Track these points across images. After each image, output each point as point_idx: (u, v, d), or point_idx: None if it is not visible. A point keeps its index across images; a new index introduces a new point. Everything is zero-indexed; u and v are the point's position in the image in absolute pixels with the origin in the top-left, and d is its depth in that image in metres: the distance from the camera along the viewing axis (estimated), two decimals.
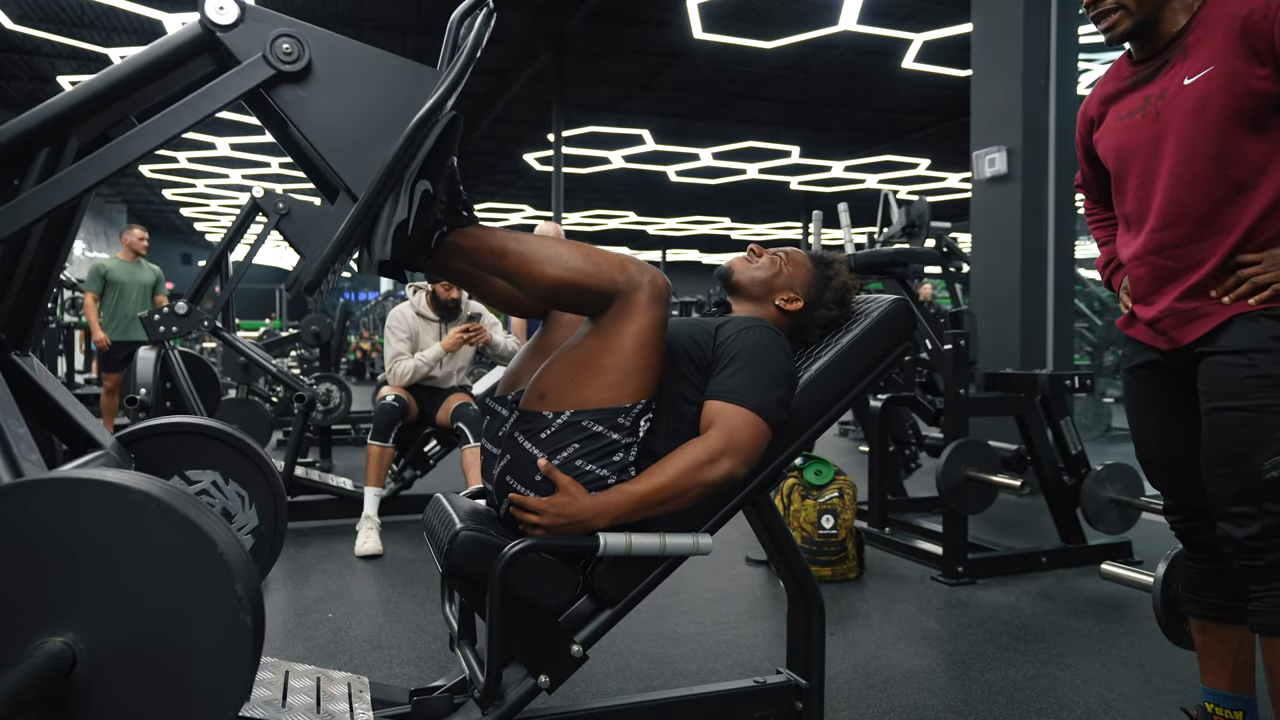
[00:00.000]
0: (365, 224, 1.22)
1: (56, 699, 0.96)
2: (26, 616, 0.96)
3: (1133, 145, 1.66)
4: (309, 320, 6.27)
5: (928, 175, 17.22)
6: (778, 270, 1.71)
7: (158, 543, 0.98)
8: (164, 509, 0.99)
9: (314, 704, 1.39)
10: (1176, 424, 1.68)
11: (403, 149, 1.16)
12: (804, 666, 1.67)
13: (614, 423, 1.40)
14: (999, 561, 3.25)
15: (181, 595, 0.98)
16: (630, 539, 1.36)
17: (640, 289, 1.38)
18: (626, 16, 9.96)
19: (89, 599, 0.97)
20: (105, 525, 0.98)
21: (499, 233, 1.40)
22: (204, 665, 0.99)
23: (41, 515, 0.97)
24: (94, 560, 0.97)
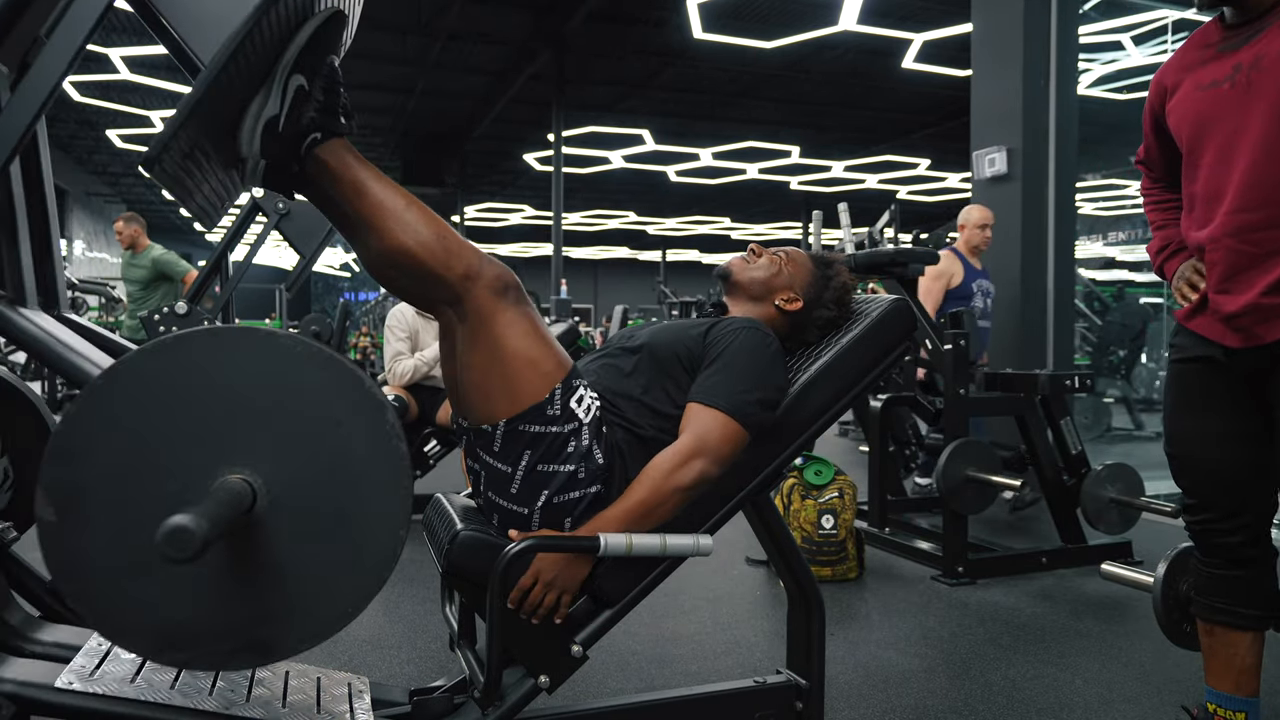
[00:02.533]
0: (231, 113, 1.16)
1: (245, 533, 1.04)
2: (206, 455, 1.04)
3: (1214, 116, 1.54)
4: (309, 320, 6.28)
5: (928, 175, 17.23)
6: (777, 270, 1.71)
7: (314, 381, 1.05)
8: (313, 351, 1.06)
9: (314, 704, 1.39)
10: (1226, 423, 1.62)
11: (253, 18, 1.08)
12: (804, 666, 1.67)
13: (545, 417, 1.38)
14: (999, 561, 3.25)
15: (340, 430, 1.06)
16: (631, 540, 1.36)
17: (477, 281, 1.31)
18: (626, 16, 9.98)
19: (260, 438, 1.05)
20: (265, 368, 1.05)
21: (369, 170, 1.30)
22: (367, 495, 1.07)
23: (207, 362, 1.04)
24: (261, 401, 1.05)
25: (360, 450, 1.06)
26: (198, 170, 1.19)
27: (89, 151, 17.61)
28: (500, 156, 17.54)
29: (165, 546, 0.87)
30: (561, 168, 12.17)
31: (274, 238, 4.45)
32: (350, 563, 1.08)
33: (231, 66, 1.09)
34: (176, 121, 1.07)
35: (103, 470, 1.02)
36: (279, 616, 1.08)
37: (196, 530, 0.87)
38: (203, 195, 1.24)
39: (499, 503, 1.43)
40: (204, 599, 1.06)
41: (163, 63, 11.03)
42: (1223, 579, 1.66)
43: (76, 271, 13.94)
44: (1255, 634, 1.65)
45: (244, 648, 1.09)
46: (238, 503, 0.99)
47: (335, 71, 1.29)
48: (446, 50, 11.25)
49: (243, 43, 1.08)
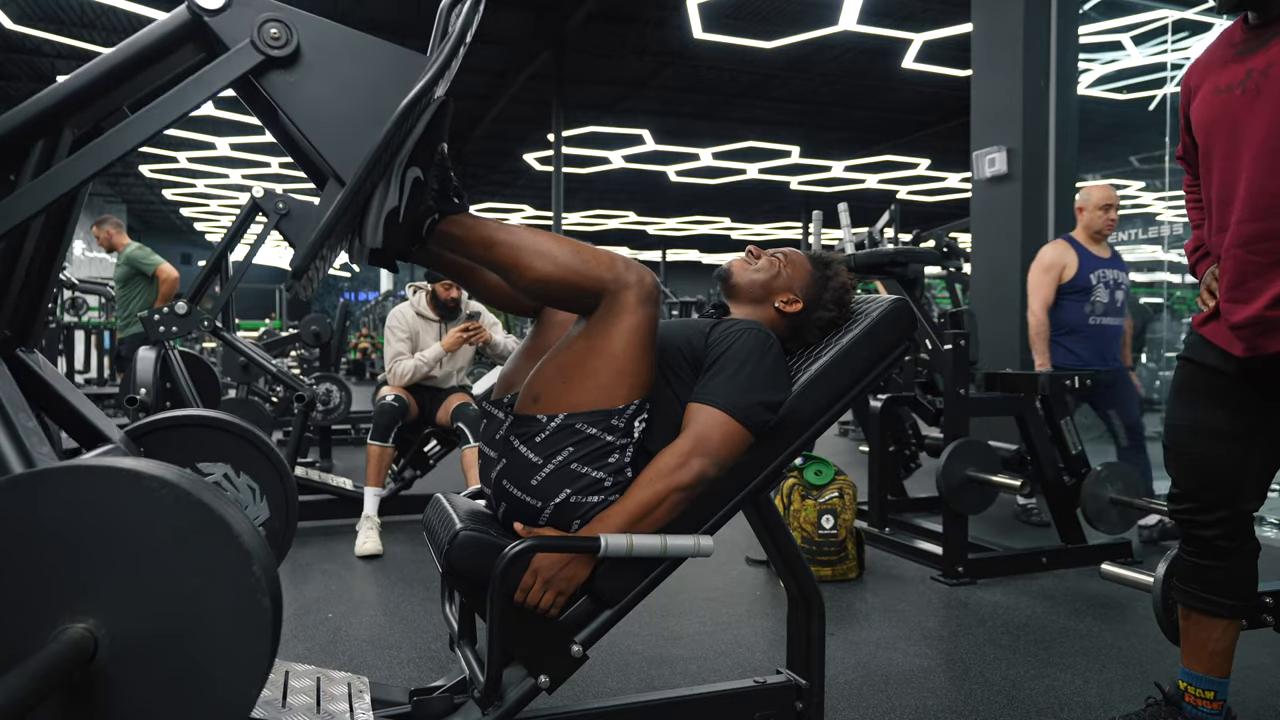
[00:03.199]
0: (355, 211, 1.20)
1: (79, 685, 0.97)
2: (46, 603, 0.97)
3: (1224, 120, 1.55)
4: (309, 320, 6.27)
5: (928, 175, 17.22)
6: (776, 272, 1.71)
7: (173, 528, 0.99)
8: (178, 494, 0.99)
9: (314, 704, 1.39)
10: (1220, 423, 1.67)
11: (390, 133, 1.14)
12: (804, 666, 1.67)
13: (608, 424, 1.40)
14: (999, 561, 3.25)
15: (199, 579, 0.99)
16: (631, 540, 1.36)
17: (628, 288, 1.36)
18: (626, 16, 9.97)
19: (108, 585, 0.98)
20: (120, 512, 0.98)
21: (490, 223, 1.39)
22: (225, 648, 1.00)
23: (57, 503, 0.98)
24: (111, 547, 0.98)
25: (220, 603, 1.00)
26: (323, 263, 1.25)
27: None
28: (500, 156, 17.53)
29: None
30: (561, 168, 12.17)
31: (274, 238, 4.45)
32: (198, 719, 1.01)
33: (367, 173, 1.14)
34: (325, 234, 1.13)
35: None
36: None
37: None
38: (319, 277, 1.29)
39: (513, 493, 1.43)
40: None
41: None
42: (1201, 568, 1.73)
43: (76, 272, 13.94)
44: (1230, 621, 1.72)
45: None
46: (63, 659, 0.93)
47: (445, 158, 1.36)
48: None
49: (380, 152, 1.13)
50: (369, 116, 1.19)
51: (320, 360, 6.37)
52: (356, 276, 29.78)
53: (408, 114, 1.14)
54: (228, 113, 11.91)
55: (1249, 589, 1.73)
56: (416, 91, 1.15)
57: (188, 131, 13.05)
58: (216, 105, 11.46)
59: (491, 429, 1.53)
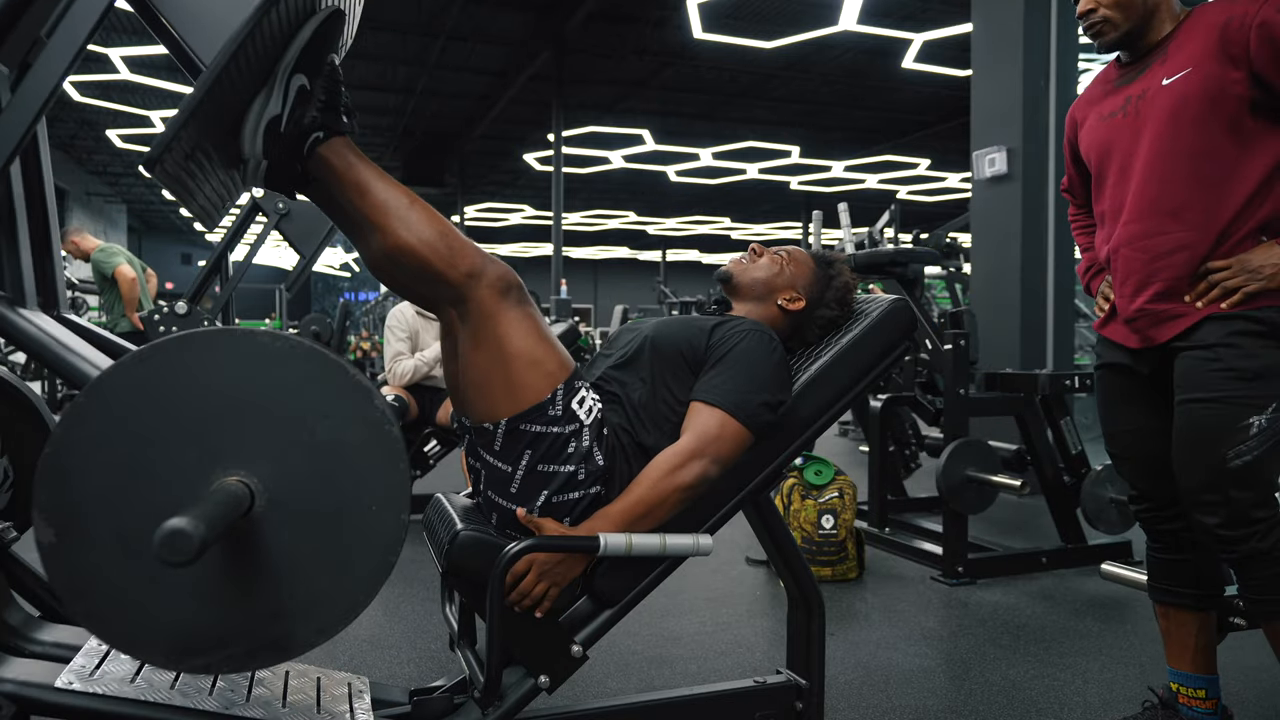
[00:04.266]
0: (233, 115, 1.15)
1: (243, 534, 1.04)
2: (201, 460, 1.04)
3: (1113, 142, 1.73)
4: (309, 320, 6.28)
5: (928, 175, 17.23)
6: (779, 270, 1.71)
7: (296, 375, 1.05)
8: (292, 345, 1.06)
9: (314, 704, 1.39)
10: (1143, 420, 1.78)
11: (255, 17, 1.08)
12: (804, 666, 1.67)
13: (546, 417, 1.38)
14: (999, 561, 3.25)
15: (329, 420, 1.06)
16: (630, 539, 1.36)
17: (480, 284, 1.31)
18: (626, 16, 9.98)
19: (251, 437, 1.05)
20: (247, 367, 1.05)
21: (371, 169, 1.30)
22: (366, 479, 1.07)
23: (190, 366, 1.04)
24: (248, 401, 1.05)
25: (351, 439, 1.06)
26: (199, 171, 1.19)
27: (89, 151, 17.62)
28: (500, 156, 17.54)
29: (163, 551, 0.87)
30: (561, 168, 12.17)
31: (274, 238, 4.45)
32: (355, 551, 1.08)
33: (233, 67, 1.09)
34: (178, 122, 1.07)
35: (98, 485, 1.02)
36: (292, 612, 1.08)
37: (193, 533, 0.87)
38: (204, 196, 1.24)
39: (499, 502, 1.43)
40: (215, 603, 1.06)
41: (163, 63, 11.04)
42: (1167, 563, 1.80)
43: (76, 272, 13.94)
44: (1203, 614, 1.78)
45: (260, 647, 1.08)
46: (235, 504, 0.98)
47: (336, 70, 1.29)
48: (446, 50, 11.25)
49: (244, 43, 1.08)
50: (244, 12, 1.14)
51: None
52: (356, 277, 29.78)
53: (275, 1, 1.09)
54: None
55: (1216, 578, 1.78)
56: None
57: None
58: None
59: (468, 442, 1.52)
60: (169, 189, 1.14)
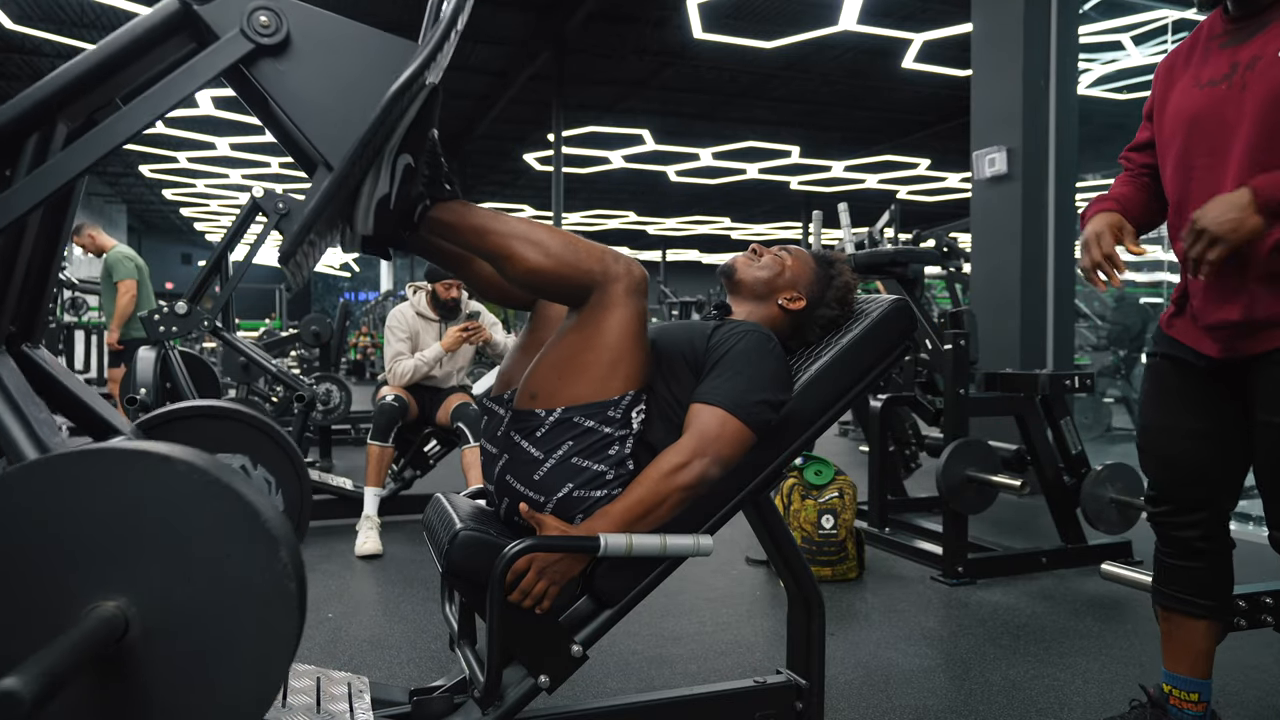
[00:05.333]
0: (345, 198, 1.20)
1: (110, 663, 0.99)
2: (78, 582, 0.99)
3: (1206, 116, 1.49)
4: (309, 320, 6.28)
5: (928, 175, 17.22)
6: (780, 269, 1.71)
7: (203, 510, 1.01)
8: (207, 478, 1.01)
9: (314, 704, 1.39)
10: (1195, 421, 1.65)
11: (379, 119, 1.13)
12: (804, 666, 1.67)
13: (605, 416, 1.40)
14: (999, 561, 3.25)
15: (228, 562, 1.01)
16: (631, 540, 1.36)
17: (617, 280, 1.37)
18: (626, 16, 9.97)
19: (138, 566, 1.00)
20: (151, 493, 1.00)
21: (482, 211, 1.39)
22: (252, 630, 1.01)
23: (86, 484, 1.00)
24: (142, 528, 1.00)
25: (247, 584, 1.01)
26: (312, 248, 1.24)
27: None
28: (500, 156, 17.53)
29: None
30: (561, 168, 12.16)
31: (274, 238, 4.45)
32: (225, 699, 1.03)
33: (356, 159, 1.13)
34: (310, 220, 1.11)
35: None
36: None
37: (23, 694, 0.82)
38: (309, 264, 1.28)
39: (516, 488, 1.43)
40: None
41: None
42: (1180, 569, 1.72)
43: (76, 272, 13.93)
44: (1210, 622, 1.71)
45: None
46: (95, 637, 0.94)
47: (436, 145, 1.36)
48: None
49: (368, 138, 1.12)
50: (359, 104, 1.19)
51: (320, 360, 6.37)
52: (357, 277, 29.77)
53: (397, 100, 1.13)
54: (228, 113, 11.91)
55: (1227, 588, 1.73)
56: (406, 78, 1.14)
57: (188, 131, 13.05)
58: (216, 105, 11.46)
59: (493, 426, 1.53)
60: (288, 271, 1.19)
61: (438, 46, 1.19)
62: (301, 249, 1.16)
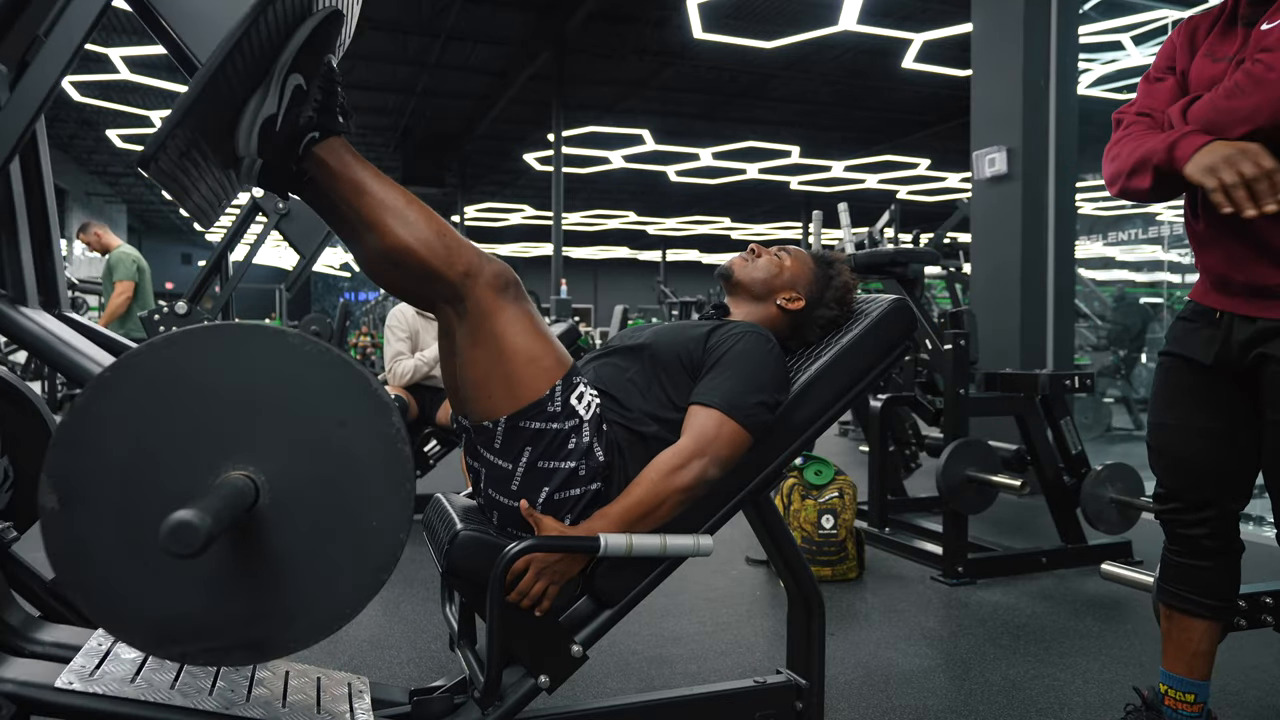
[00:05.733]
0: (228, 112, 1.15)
1: (246, 530, 1.03)
2: (211, 450, 1.03)
3: None
4: (309, 320, 6.28)
5: (928, 175, 17.23)
6: (779, 269, 1.71)
7: (320, 380, 1.05)
8: (320, 351, 1.05)
9: (314, 704, 1.39)
10: (1206, 421, 1.65)
11: (252, 15, 1.07)
12: (804, 666, 1.67)
13: (546, 413, 1.38)
14: (999, 561, 3.25)
15: (345, 429, 1.05)
16: (631, 540, 1.36)
17: (476, 280, 1.31)
18: (626, 16, 9.98)
19: (261, 434, 1.04)
20: (272, 366, 1.04)
21: (368, 169, 1.30)
22: (373, 496, 1.06)
23: (214, 358, 1.04)
24: (266, 399, 1.04)
25: (364, 452, 1.06)
26: (194, 169, 1.19)
27: (89, 151, 17.61)
28: (500, 156, 17.54)
29: (169, 541, 0.87)
30: (561, 168, 12.17)
31: (274, 238, 4.45)
32: (350, 564, 1.08)
33: (228, 65, 1.09)
34: (173, 120, 1.07)
35: (108, 461, 1.02)
36: (276, 615, 1.08)
37: (200, 526, 0.87)
38: (200, 194, 1.24)
39: (500, 500, 1.43)
40: (203, 594, 1.06)
41: (163, 63, 11.03)
42: (1186, 568, 1.71)
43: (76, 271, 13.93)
44: (1211, 623, 1.71)
45: (239, 645, 1.08)
46: (240, 499, 0.98)
47: (333, 71, 1.29)
48: (446, 50, 11.25)
49: (239, 42, 1.08)
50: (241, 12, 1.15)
51: None
52: (356, 276, 29.77)
53: None
54: None
55: (1233, 590, 1.72)
56: None
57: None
58: None
59: (466, 441, 1.52)
60: (164, 187, 1.14)
61: None
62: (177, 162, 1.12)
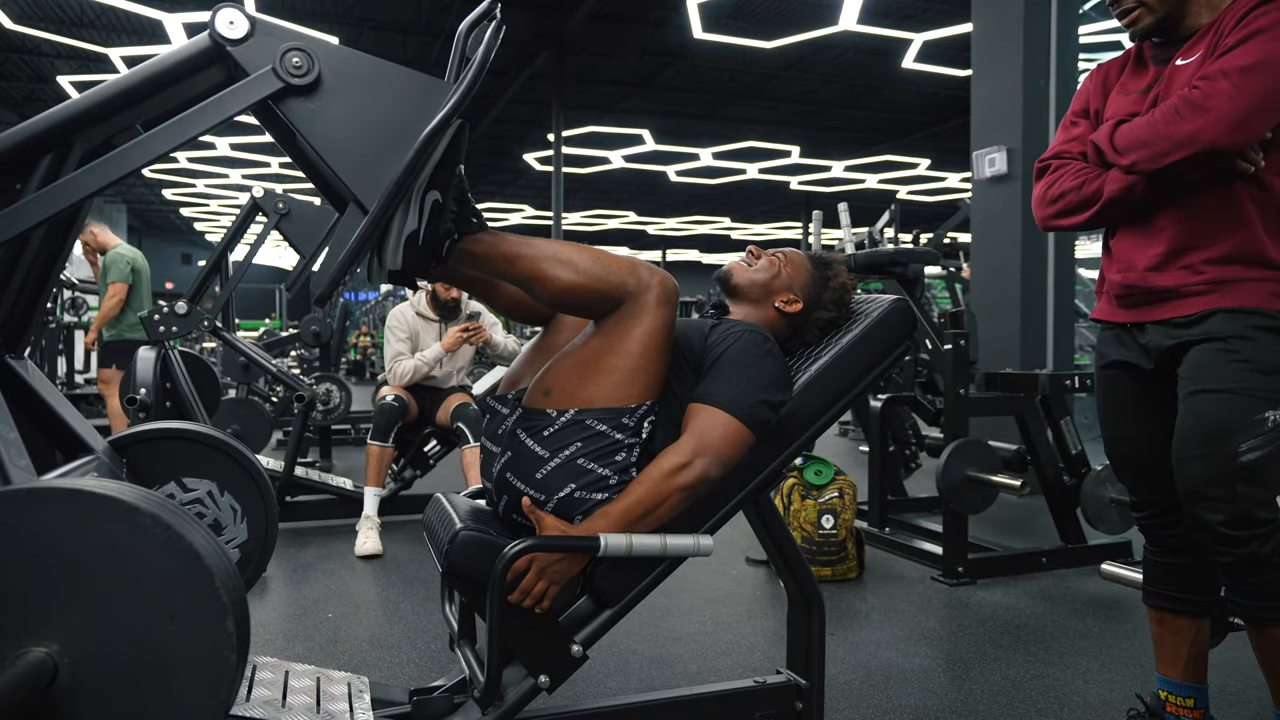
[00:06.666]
0: (376, 235, 1.23)
1: (37, 711, 0.95)
2: (7, 625, 0.95)
3: None
4: (309, 320, 6.27)
5: (928, 175, 17.23)
6: (776, 272, 1.71)
7: (161, 567, 0.97)
8: (172, 537, 0.97)
9: (314, 704, 1.39)
10: (1151, 424, 1.70)
11: (413, 161, 1.16)
12: (804, 666, 1.67)
13: (618, 423, 1.41)
14: (999, 561, 3.25)
15: (166, 609, 0.97)
16: (631, 540, 1.36)
17: (649, 290, 1.39)
18: (626, 16, 9.97)
19: (71, 610, 0.96)
20: (89, 537, 0.96)
21: (509, 238, 1.42)
22: (186, 681, 0.97)
23: (24, 524, 0.95)
24: (76, 571, 0.96)
25: (185, 653, 0.98)
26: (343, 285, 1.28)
27: None
28: (500, 156, 17.53)
29: None
30: (561, 168, 12.16)
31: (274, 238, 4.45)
32: None
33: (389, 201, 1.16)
34: (348, 261, 1.15)
35: None
36: None
37: None
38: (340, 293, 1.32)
39: (516, 485, 1.43)
40: None
41: None
42: (1167, 566, 1.75)
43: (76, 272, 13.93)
44: (1199, 621, 1.73)
45: None
46: (31, 679, 0.92)
47: (463, 180, 1.39)
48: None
49: (404, 179, 1.15)
50: (389, 143, 1.21)
51: (320, 360, 6.37)
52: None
53: (431, 140, 1.16)
54: None
55: (1213, 584, 1.73)
56: (439, 121, 1.17)
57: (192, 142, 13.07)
58: None
59: (495, 424, 1.54)
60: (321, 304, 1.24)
61: (470, 88, 1.21)
62: None
